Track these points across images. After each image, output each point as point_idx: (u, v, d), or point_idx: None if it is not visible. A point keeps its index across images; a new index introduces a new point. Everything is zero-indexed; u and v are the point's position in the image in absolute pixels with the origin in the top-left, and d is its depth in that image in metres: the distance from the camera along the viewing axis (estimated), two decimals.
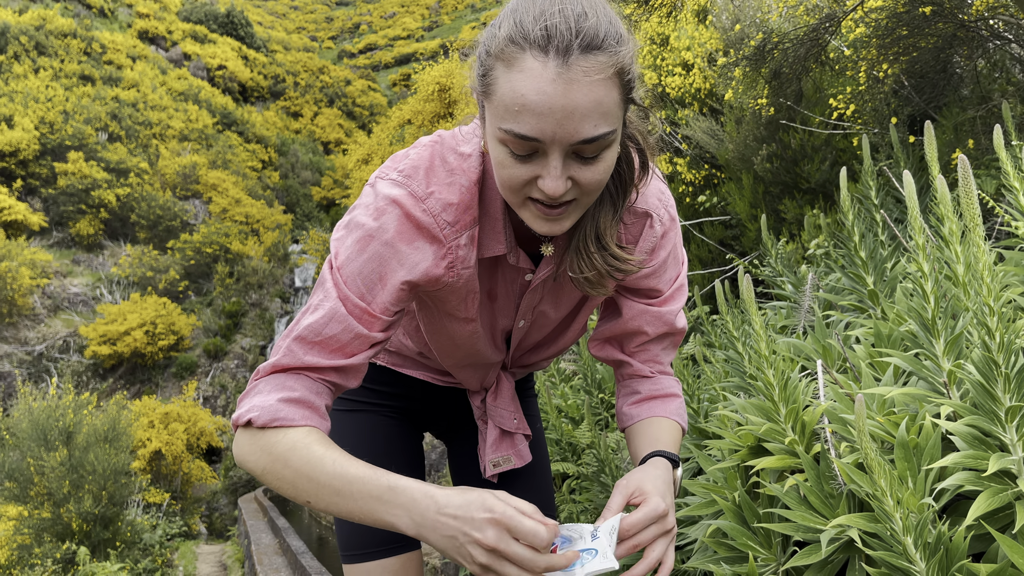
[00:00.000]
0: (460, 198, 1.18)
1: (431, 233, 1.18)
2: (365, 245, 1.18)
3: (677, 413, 1.45)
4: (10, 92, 38.26)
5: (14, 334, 30.32)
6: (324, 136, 63.03)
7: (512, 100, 0.99)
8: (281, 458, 1.08)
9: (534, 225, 1.12)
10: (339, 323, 1.17)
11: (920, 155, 3.45)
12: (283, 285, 38.07)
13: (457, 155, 1.21)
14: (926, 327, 1.70)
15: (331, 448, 1.09)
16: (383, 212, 1.17)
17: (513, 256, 1.28)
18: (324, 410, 1.18)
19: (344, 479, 1.04)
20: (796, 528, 1.70)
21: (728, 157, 4.76)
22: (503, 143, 1.04)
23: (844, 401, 1.87)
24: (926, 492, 1.54)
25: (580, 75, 0.97)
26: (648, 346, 1.45)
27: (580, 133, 1.00)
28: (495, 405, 1.52)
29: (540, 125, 0.99)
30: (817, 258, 3.35)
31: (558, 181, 1.03)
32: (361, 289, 1.18)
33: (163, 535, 12.09)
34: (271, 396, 1.13)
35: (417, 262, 1.19)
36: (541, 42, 0.97)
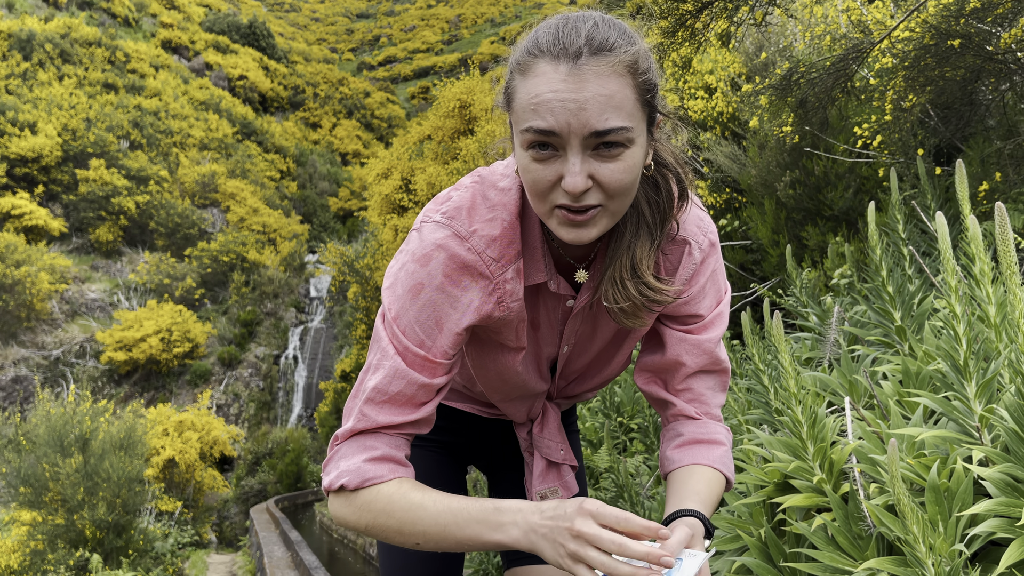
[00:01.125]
0: (502, 232, 1.21)
1: (477, 271, 1.20)
2: (417, 293, 1.20)
3: (721, 462, 1.36)
4: (34, 99, 38.80)
5: (32, 338, 30.60)
6: (342, 147, 63.44)
7: (528, 100, 1.05)
8: (383, 512, 1.16)
9: (561, 233, 1.13)
10: (401, 379, 1.20)
11: (946, 186, 3.44)
12: (298, 295, 38.25)
13: (497, 190, 1.23)
14: (957, 369, 1.69)
15: (426, 491, 1.17)
16: (430, 258, 1.19)
17: (554, 283, 1.29)
18: (406, 459, 1.24)
19: (449, 514, 1.12)
20: (824, 568, 1.69)
21: (750, 182, 4.76)
22: (525, 145, 1.08)
23: (872, 440, 1.86)
24: (957, 538, 1.53)
25: (590, 73, 1.03)
26: (691, 383, 1.39)
27: (593, 124, 1.04)
28: (541, 436, 1.51)
29: (555, 118, 1.03)
30: (841, 288, 3.34)
31: (577, 176, 1.05)
32: (421, 337, 1.20)
33: (175, 544, 12.12)
34: (356, 459, 1.19)
35: (469, 302, 1.21)
36: (553, 50, 1.05)
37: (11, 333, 30.16)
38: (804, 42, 3.92)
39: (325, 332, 34.98)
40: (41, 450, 10.54)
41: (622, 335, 1.44)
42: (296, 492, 23.38)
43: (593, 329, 1.40)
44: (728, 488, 1.39)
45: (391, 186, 12.39)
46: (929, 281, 2.61)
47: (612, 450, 3.71)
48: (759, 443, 2.21)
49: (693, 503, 1.25)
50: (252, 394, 32.15)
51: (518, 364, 1.37)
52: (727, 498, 2.17)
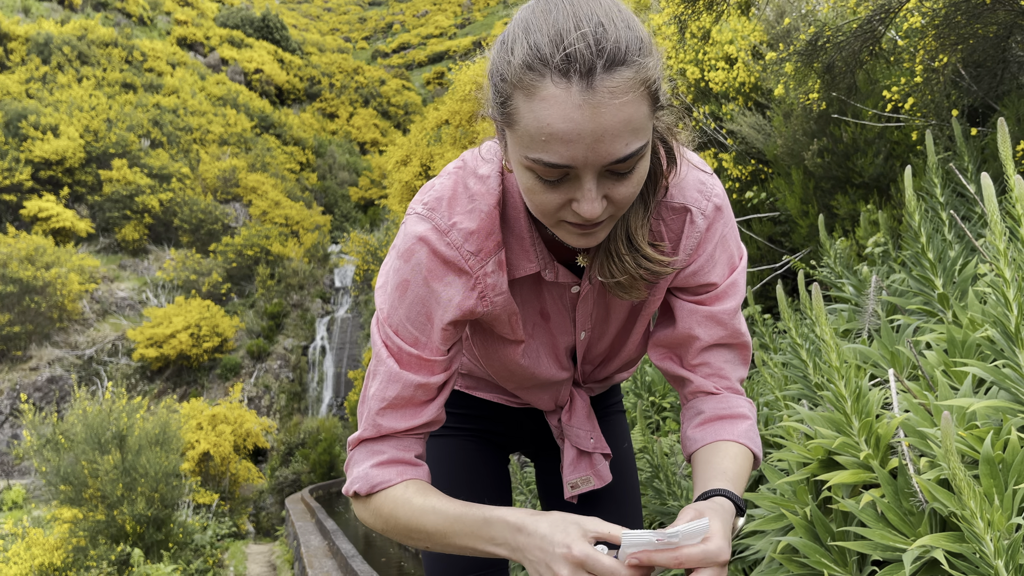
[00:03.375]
0: (480, 225, 1.16)
1: (457, 266, 1.17)
2: (404, 291, 1.18)
3: (747, 436, 1.29)
4: (55, 102, 39.16)
5: (65, 339, 31.07)
6: (360, 136, 63.53)
7: (538, 130, 0.94)
8: (391, 518, 1.17)
9: (570, 241, 1.09)
10: (397, 382, 1.19)
11: (982, 146, 3.34)
12: (323, 286, 38.45)
13: (477, 178, 1.18)
14: (1009, 336, 1.63)
15: (428, 496, 1.16)
16: (412, 253, 1.17)
17: (550, 272, 1.23)
18: (416, 458, 1.23)
19: (447, 522, 1.11)
20: (874, 547, 1.64)
21: (776, 152, 4.66)
22: (531, 171, 0.99)
23: (919, 412, 1.80)
24: (1014, 511, 1.47)
25: (606, 97, 0.91)
26: (707, 357, 1.31)
27: (613, 154, 0.95)
28: (570, 424, 1.47)
29: (570, 152, 0.94)
30: (875, 256, 3.26)
31: (594, 204, 0.99)
32: (414, 334, 1.19)
33: (213, 535, 12.28)
34: (365, 465, 1.20)
35: (451, 298, 1.18)
36: (561, 66, 0.91)
37: (45, 334, 30.65)
38: (828, 5, 3.82)
39: (351, 321, 35.17)
40: (79, 448, 10.70)
41: (636, 310, 1.37)
42: (330, 481, 23.61)
43: (606, 311, 1.35)
44: (756, 465, 1.32)
45: (411, 173, 12.36)
46: (971, 246, 2.53)
47: (645, 430, 3.67)
48: (799, 419, 2.16)
49: (720, 482, 1.17)
50: (282, 385, 32.45)
51: (519, 357, 1.33)
52: (769, 476, 2.12)
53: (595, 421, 1.49)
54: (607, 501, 1.60)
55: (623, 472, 1.66)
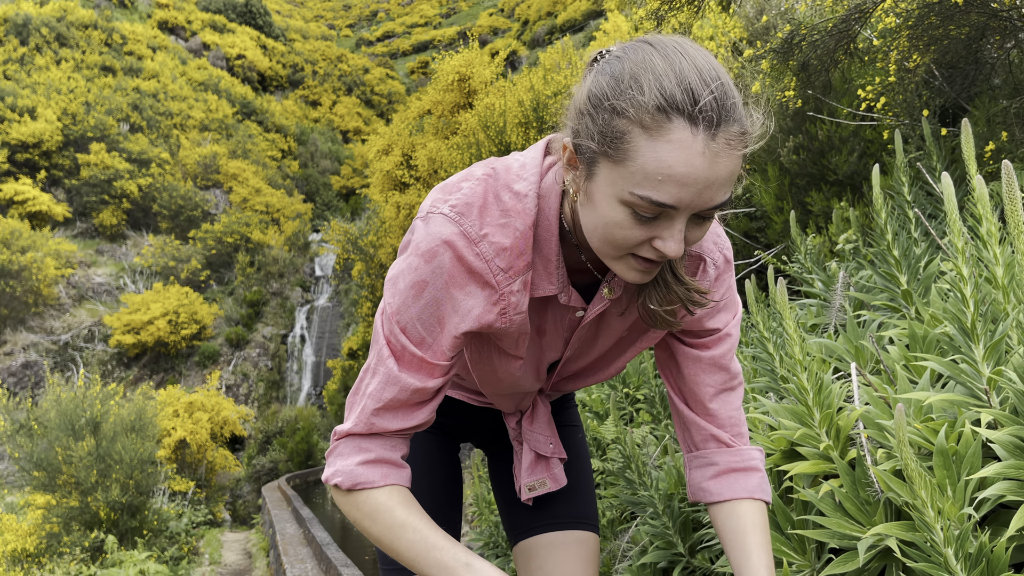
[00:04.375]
0: (514, 242, 1.14)
1: (483, 279, 1.15)
2: (420, 291, 1.16)
3: (761, 489, 1.37)
4: (32, 84, 38.62)
5: (40, 324, 30.74)
6: (343, 125, 63.18)
7: (656, 170, 0.97)
8: (369, 517, 1.19)
9: (627, 276, 1.09)
10: (394, 385, 1.19)
11: (952, 147, 3.40)
12: (303, 274, 38.29)
13: (512, 194, 1.16)
14: (965, 332, 1.67)
15: (411, 511, 1.18)
16: (435, 254, 1.14)
17: (565, 296, 1.24)
18: (402, 459, 1.24)
19: (423, 546, 1.13)
20: (831, 535, 1.68)
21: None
22: (630, 206, 1.01)
23: (879, 405, 1.85)
24: (966, 502, 1.52)
25: (724, 147, 0.97)
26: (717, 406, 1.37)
27: (714, 200, 1.00)
28: (531, 429, 1.50)
29: (680, 194, 0.98)
30: (846, 253, 3.31)
31: (680, 244, 1.02)
32: (422, 334, 1.18)
33: (189, 523, 12.25)
34: (351, 460, 1.20)
35: (471, 308, 1.17)
36: (690, 110, 0.95)
37: (20, 319, 30.30)
38: (806, 3, 3.86)
39: (331, 310, 35.07)
40: (53, 434, 10.62)
41: (624, 341, 1.41)
42: (307, 469, 23.58)
43: (595, 335, 1.38)
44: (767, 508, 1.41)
45: (392, 162, 12.33)
46: (935, 244, 2.58)
47: (618, 421, 3.70)
48: (765, 411, 2.20)
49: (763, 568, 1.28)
50: (261, 374, 32.31)
51: (516, 370, 1.35)
52: None
53: (554, 428, 1.52)
54: (564, 491, 1.63)
55: (578, 461, 1.70)
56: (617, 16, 12.60)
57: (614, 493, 3.37)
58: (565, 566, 1.52)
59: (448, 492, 1.61)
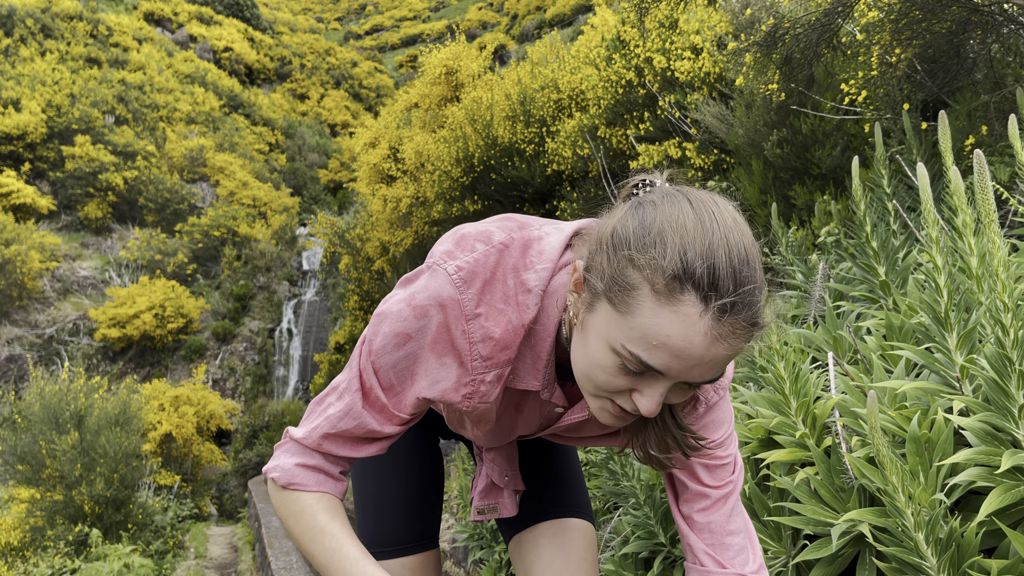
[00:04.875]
0: (503, 335, 1.12)
1: (461, 358, 1.14)
2: (402, 343, 1.14)
3: None
4: (17, 75, 38.24)
5: (24, 317, 30.50)
6: (331, 118, 62.90)
7: (654, 334, 0.95)
8: (293, 517, 1.21)
9: (600, 416, 1.09)
10: (354, 419, 1.19)
11: (933, 141, 3.42)
12: (291, 268, 38.13)
13: (519, 282, 1.13)
14: (939, 321, 1.69)
15: (334, 520, 1.19)
16: (426, 314, 1.12)
17: (547, 392, 1.22)
18: (339, 475, 1.25)
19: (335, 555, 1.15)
20: (806, 522, 1.70)
21: (738, 142, 4.73)
22: (619, 356, 0.99)
23: (855, 394, 1.87)
24: (938, 487, 1.53)
25: (728, 333, 0.94)
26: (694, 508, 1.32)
27: (703, 377, 0.99)
28: (492, 460, 1.50)
29: (670, 364, 0.96)
30: (828, 246, 3.33)
31: (657, 406, 1.01)
32: (392, 381, 1.17)
33: (174, 517, 12.20)
34: (291, 460, 1.23)
35: (439, 379, 1.16)
36: (706, 288, 0.92)
37: (3, 312, 30.07)
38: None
39: (318, 304, 34.96)
40: (37, 428, 10.55)
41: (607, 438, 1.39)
42: None
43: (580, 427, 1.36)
44: None
45: (379, 155, 12.30)
46: (914, 236, 2.60)
47: None
48: (744, 400, 2.22)
49: None
50: (247, 368, 32.18)
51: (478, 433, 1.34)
52: None
53: (515, 461, 1.51)
54: (554, 483, 1.63)
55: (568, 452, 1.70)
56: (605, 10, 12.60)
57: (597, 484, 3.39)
58: (563, 554, 1.52)
59: (428, 482, 1.61)
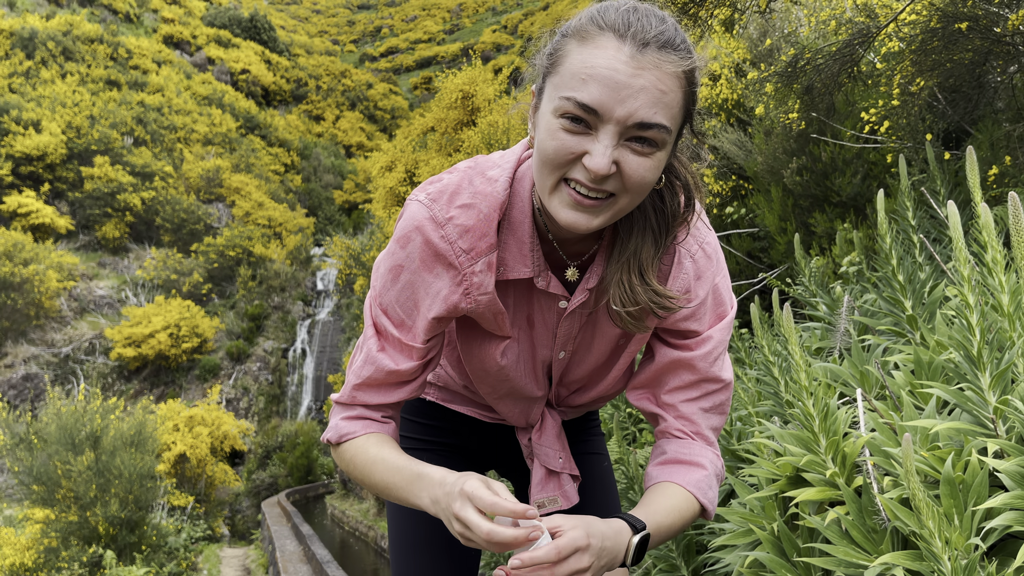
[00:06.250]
0: (477, 223, 1.20)
1: (447, 260, 1.22)
2: (397, 275, 1.25)
3: (696, 486, 1.31)
4: (38, 97, 38.84)
5: (41, 336, 30.74)
6: (346, 139, 63.41)
7: (581, 68, 1.03)
8: (351, 463, 1.30)
9: (560, 215, 1.10)
10: (372, 365, 1.29)
11: (956, 170, 3.41)
12: (305, 288, 38.31)
13: (484, 179, 1.22)
14: (971, 360, 1.67)
15: (383, 448, 1.27)
16: (409, 240, 1.23)
17: (543, 280, 1.26)
18: (382, 418, 1.33)
19: (391, 473, 1.22)
20: (838, 563, 1.68)
21: (757, 169, 4.73)
22: (559, 114, 1.05)
23: (885, 431, 1.84)
24: (973, 531, 1.51)
25: (651, 64, 1.02)
26: (679, 401, 1.35)
27: (638, 115, 1.02)
28: (540, 443, 1.49)
29: (603, 97, 1.01)
30: (850, 275, 3.31)
31: (605, 158, 1.03)
32: (401, 316, 1.27)
33: (188, 538, 12.19)
34: (336, 419, 1.34)
35: (439, 290, 1.23)
36: (621, 28, 1.02)
37: (21, 331, 30.31)
38: (809, 27, 3.88)
39: (332, 325, 35.06)
40: (52, 448, 10.60)
41: (620, 347, 1.41)
42: (307, 485, 23.49)
43: (592, 336, 1.38)
44: (705, 515, 1.35)
45: (395, 179, 12.38)
46: (940, 268, 2.58)
47: (622, 441, 3.70)
48: (770, 435, 2.20)
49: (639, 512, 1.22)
50: (261, 388, 32.26)
51: (498, 355, 1.35)
52: (739, 491, 2.16)
53: (565, 442, 1.51)
54: (592, 511, 1.61)
55: (605, 488, 1.68)
56: None
57: None
58: None
59: None
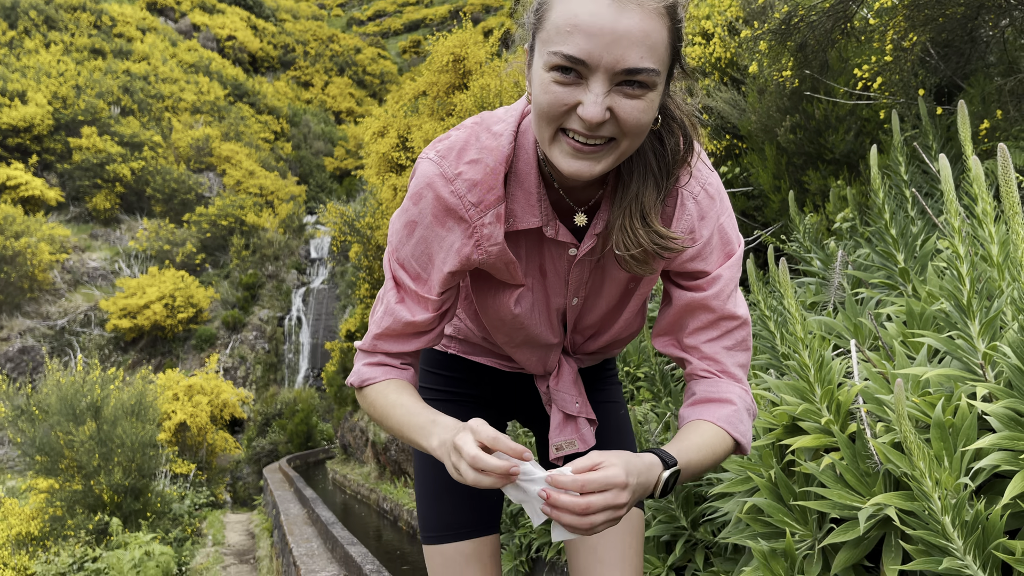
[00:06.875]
0: (484, 177, 1.24)
1: (458, 214, 1.27)
2: (412, 230, 1.31)
3: (727, 420, 1.33)
4: (22, 67, 38.33)
5: (36, 309, 30.71)
6: (335, 106, 62.79)
7: (564, 21, 1.04)
8: (372, 407, 1.38)
9: (562, 163, 1.13)
10: (390, 316, 1.36)
11: (948, 125, 3.44)
12: (299, 256, 38.25)
13: (490, 134, 1.26)
14: (961, 309, 1.73)
15: (402, 393, 1.34)
16: (421, 196, 1.28)
17: (551, 229, 1.30)
18: (402, 365, 1.40)
19: (407, 416, 1.29)
20: (832, 506, 1.75)
21: (750, 128, 4.74)
22: (549, 68, 1.07)
23: (878, 380, 1.90)
24: (962, 472, 1.58)
25: (634, 4, 1.02)
26: (701, 339, 1.38)
27: (626, 60, 1.04)
28: (557, 388, 1.53)
29: (588, 47, 1.03)
30: (843, 232, 3.36)
31: (598, 106, 1.06)
32: (417, 270, 1.33)
33: (191, 505, 12.33)
34: (359, 364, 1.42)
35: (452, 243, 1.28)
36: None
37: (15, 304, 30.26)
38: None
39: (327, 293, 35.08)
40: (54, 419, 10.66)
41: (630, 290, 1.45)
42: (307, 451, 23.71)
43: (601, 282, 1.42)
44: (740, 451, 1.37)
45: (388, 144, 12.31)
46: (932, 222, 2.63)
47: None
48: (767, 387, 2.26)
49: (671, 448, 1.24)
50: (258, 356, 32.37)
51: (512, 304, 1.39)
52: None
53: (581, 387, 1.55)
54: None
55: (622, 436, 1.72)
56: None
57: None
58: (610, 539, 1.55)
59: None
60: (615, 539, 1.55)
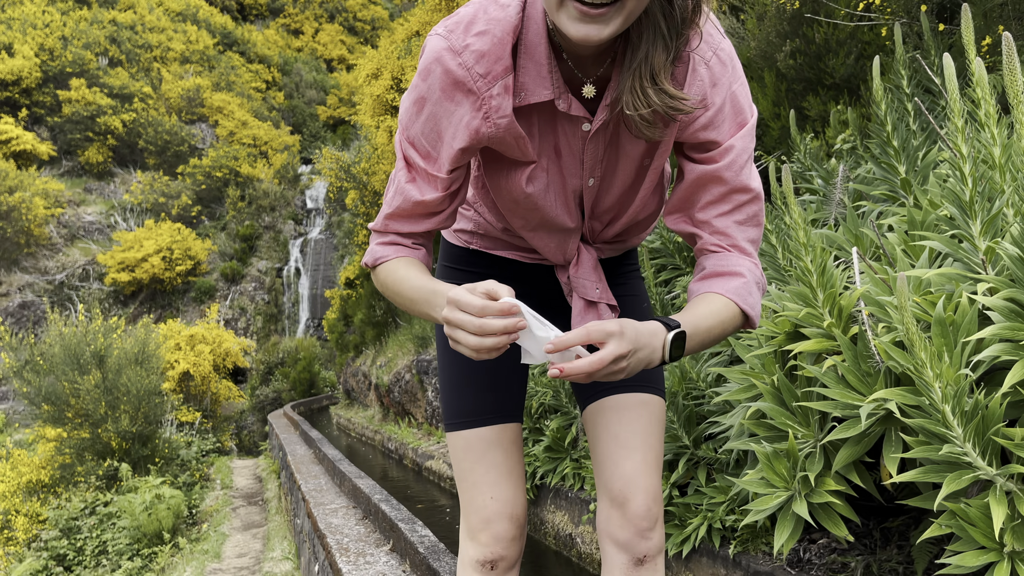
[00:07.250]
0: (491, 48, 1.25)
1: (466, 86, 1.27)
2: (421, 107, 1.32)
3: (736, 292, 1.33)
4: (7, 19, 37.57)
5: (34, 264, 30.66)
6: (327, 53, 61.74)
7: None
8: (383, 283, 1.43)
9: (570, 29, 1.14)
10: (400, 195, 1.39)
11: (950, 44, 3.40)
12: (295, 207, 38.05)
13: (498, 6, 1.26)
14: (963, 209, 1.74)
15: (411, 269, 1.38)
16: (429, 72, 1.29)
17: (563, 102, 1.30)
18: (413, 244, 1.43)
19: (415, 290, 1.34)
20: (835, 406, 1.78)
21: (749, 55, 4.69)
22: None
23: (879, 286, 1.93)
24: (963, 364, 1.61)
25: None
26: (713, 213, 1.37)
27: None
28: (577, 275, 1.54)
29: None
30: (844, 153, 3.35)
31: None
32: (426, 147, 1.34)
33: (198, 451, 12.50)
34: (373, 243, 1.46)
35: (461, 118, 1.29)
36: None
37: (13, 260, 30.22)
38: None
39: (325, 243, 35.00)
40: (59, 369, 10.74)
41: (644, 167, 1.43)
42: (311, 398, 23.92)
43: (616, 160, 1.41)
44: (749, 325, 1.37)
45: (382, 86, 12.16)
46: (933, 136, 2.63)
47: None
48: (769, 297, 2.28)
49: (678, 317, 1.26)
50: (258, 308, 32.46)
51: (523, 182, 1.40)
52: (739, 352, 2.25)
53: (601, 274, 1.55)
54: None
55: None
56: None
57: None
58: (631, 425, 1.57)
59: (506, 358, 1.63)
60: (637, 425, 1.57)
